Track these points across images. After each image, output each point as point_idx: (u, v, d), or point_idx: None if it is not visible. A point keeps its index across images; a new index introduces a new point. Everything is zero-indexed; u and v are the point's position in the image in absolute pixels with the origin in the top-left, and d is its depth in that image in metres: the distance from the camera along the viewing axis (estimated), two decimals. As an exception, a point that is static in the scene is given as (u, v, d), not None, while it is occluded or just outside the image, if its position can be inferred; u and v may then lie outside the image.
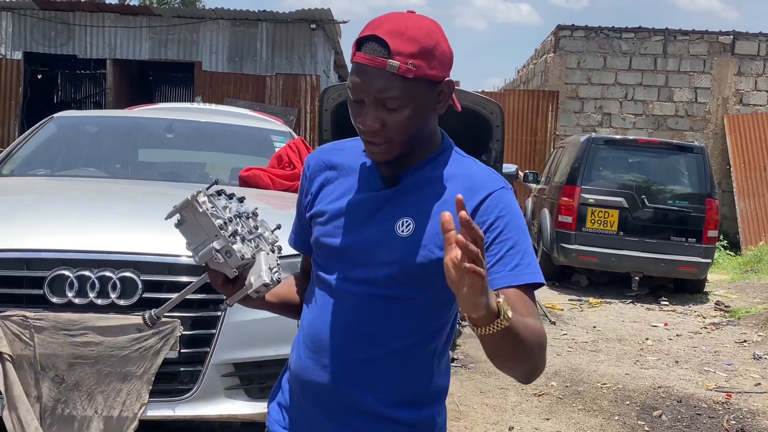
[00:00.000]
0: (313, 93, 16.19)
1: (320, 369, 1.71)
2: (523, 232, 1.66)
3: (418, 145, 1.70)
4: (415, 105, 1.62)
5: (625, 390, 5.94)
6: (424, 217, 1.66)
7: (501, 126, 7.47)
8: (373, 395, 1.69)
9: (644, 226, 10.20)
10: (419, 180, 1.71)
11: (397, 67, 1.58)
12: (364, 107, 1.63)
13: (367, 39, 1.61)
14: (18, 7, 16.80)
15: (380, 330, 1.67)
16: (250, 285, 1.64)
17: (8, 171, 4.93)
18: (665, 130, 16.61)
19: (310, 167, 1.84)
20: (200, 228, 1.60)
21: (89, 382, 3.09)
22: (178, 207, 1.61)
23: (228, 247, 1.61)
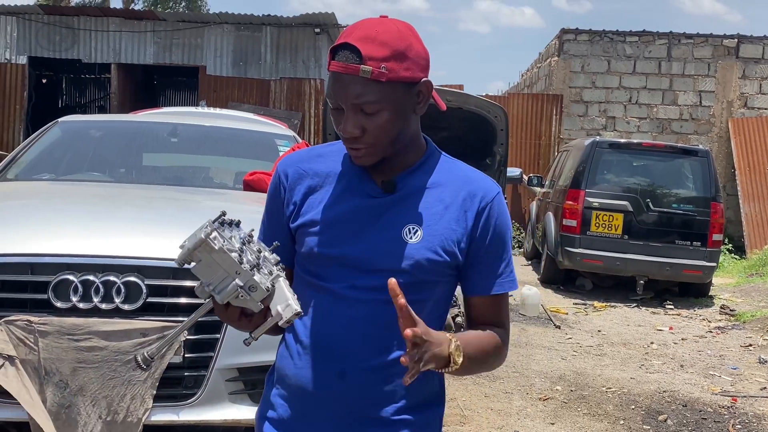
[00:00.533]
0: (317, 97, 16.20)
1: (331, 379, 1.69)
2: (508, 241, 1.80)
3: (402, 148, 1.72)
4: (393, 108, 1.64)
5: (630, 394, 5.92)
6: (430, 223, 1.69)
7: (505, 130, 7.47)
8: (389, 402, 1.69)
9: (649, 229, 10.18)
10: (416, 184, 1.73)
11: (370, 71, 1.60)
12: (344, 114, 1.65)
13: (340, 47, 1.64)
14: (23, 11, 16.84)
15: (393, 335, 1.66)
16: (280, 316, 1.54)
17: (13, 175, 4.94)
18: (670, 134, 16.59)
19: (288, 177, 1.80)
20: (217, 266, 1.50)
21: (93, 387, 3.09)
22: (191, 248, 1.49)
23: (251, 281, 1.51)
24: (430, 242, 1.67)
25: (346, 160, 1.78)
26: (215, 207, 4.46)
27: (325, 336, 1.70)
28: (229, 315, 1.58)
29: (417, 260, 1.67)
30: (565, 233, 10.37)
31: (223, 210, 1.60)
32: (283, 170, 1.82)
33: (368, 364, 1.68)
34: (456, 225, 1.70)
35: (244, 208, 4.56)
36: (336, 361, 1.69)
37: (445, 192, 1.72)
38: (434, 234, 1.68)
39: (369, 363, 1.68)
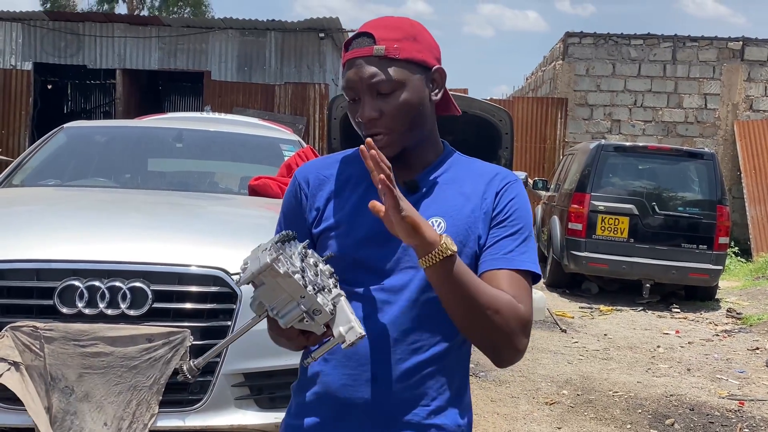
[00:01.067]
0: (321, 101, 16.22)
1: (363, 385, 1.66)
2: (528, 223, 1.73)
3: (422, 141, 1.73)
4: (409, 89, 1.65)
5: (637, 398, 5.90)
6: (453, 215, 1.69)
7: (510, 133, 7.45)
8: (420, 404, 1.67)
9: (655, 233, 10.16)
10: (437, 181, 1.74)
11: (383, 49, 1.63)
12: (360, 104, 1.66)
13: (354, 37, 1.68)
14: (28, 18, 16.89)
15: (424, 335, 1.65)
16: (342, 338, 1.48)
17: (18, 181, 4.94)
18: (675, 137, 16.57)
19: (310, 183, 1.78)
20: (281, 290, 1.45)
21: (99, 393, 3.09)
22: (255, 272, 1.43)
23: (315, 305, 1.46)
24: (454, 233, 1.65)
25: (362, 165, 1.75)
26: (220, 212, 4.49)
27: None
28: (287, 334, 1.53)
29: None
30: (571, 237, 10.36)
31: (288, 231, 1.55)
32: (304, 177, 1.80)
33: (399, 367, 1.66)
34: (478, 212, 1.70)
35: (249, 213, 4.57)
36: (366, 366, 1.66)
37: (465, 185, 1.73)
38: (457, 225, 1.67)
39: (400, 366, 1.65)
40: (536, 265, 1.69)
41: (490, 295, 1.57)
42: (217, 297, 3.31)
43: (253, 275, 1.44)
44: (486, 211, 1.70)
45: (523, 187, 1.76)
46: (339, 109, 7.23)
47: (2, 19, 16.88)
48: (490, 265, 1.66)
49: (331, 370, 1.70)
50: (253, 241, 3.69)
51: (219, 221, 4.23)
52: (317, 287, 1.48)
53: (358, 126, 1.69)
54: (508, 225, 1.69)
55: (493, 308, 1.56)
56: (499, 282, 1.63)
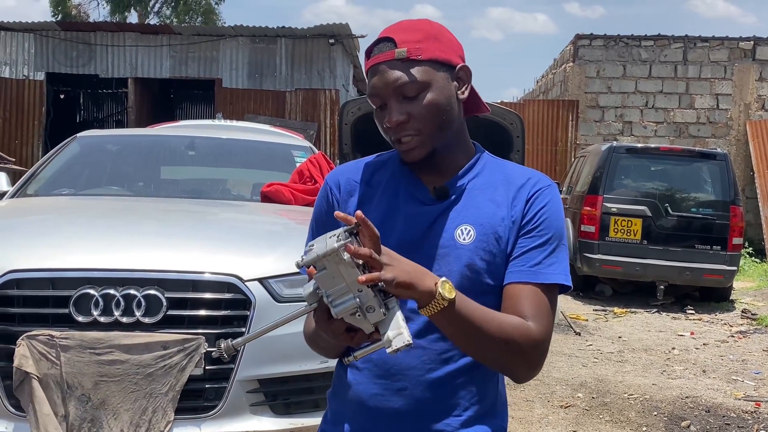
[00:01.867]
0: (332, 107, 16.24)
1: (393, 395, 1.65)
2: (560, 231, 1.67)
3: (451, 143, 1.70)
4: (435, 89, 1.62)
5: (653, 401, 5.88)
6: (483, 222, 1.65)
7: (521, 136, 7.44)
8: (451, 415, 1.65)
9: (668, 234, 10.12)
10: (467, 186, 1.70)
11: (405, 51, 1.61)
12: (387, 110, 1.64)
13: (374, 44, 1.66)
14: (40, 28, 17.00)
15: (453, 345, 1.62)
16: (389, 343, 1.45)
17: (32, 191, 4.98)
18: (687, 138, 16.51)
19: (341, 189, 1.77)
20: (341, 279, 1.43)
21: (115, 401, 3.11)
22: (321, 255, 1.41)
23: (370, 302, 1.44)
24: (483, 241, 1.63)
25: (397, 168, 1.75)
26: (233, 219, 4.51)
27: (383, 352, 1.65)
28: (334, 327, 1.49)
29: (471, 261, 1.62)
30: (584, 239, 10.34)
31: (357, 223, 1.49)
32: (335, 182, 1.78)
33: (429, 377, 1.64)
34: (508, 221, 1.65)
35: (262, 220, 4.58)
36: (397, 376, 1.65)
37: (496, 191, 1.68)
38: (487, 233, 1.63)
39: (429, 376, 1.64)
40: (565, 276, 1.65)
41: (497, 326, 1.54)
42: (231, 303, 3.33)
43: (318, 257, 1.42)
44: (515, 218, 1.66)
45: (557, 193, 1.71)
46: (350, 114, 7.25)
47: (15, 30, 16.99)
48: (515, 277, 1.62)
49: (363, 379, 1.69)
50: (265, 247, 3.73)
51: (232, 228, 4.25)
52: (375, 287, 1.46)
53: (386, 132, 1.66)
54: (537, 234, 1.64)
55: (502, 339, 1.54)
56: (519, 298, 1.60)
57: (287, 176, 5.25)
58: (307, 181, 5.13)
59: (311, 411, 3.44)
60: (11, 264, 3.28)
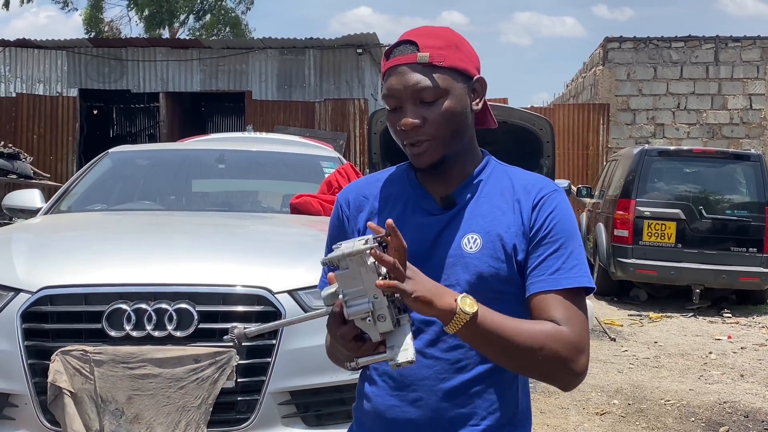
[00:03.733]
0: (361, 117, 16.29)
1: (408, 405, 1.66)
2: (572, 234, 1.65)
3: (461, 151, 1.70)
4: (452, 97, 1.63)
5: (690, 406, 5.80)
6: (489, 230, 1.65)
7: (551, 142, 7.42)
8: (468, 425, 1.65)
9: (703, 237, 10.00)
10: (474, 195, 1.70)
11: (427, 56, 1.61)
12: (401, 112, 1.64)
13: (395, 46, 1.66)
14: (72, 45, 17.25)
15: (467, 354, 1.63)
16: (393, 356, 1.47)
17: (66, 207, 5.04)
18: (720, 139, 16.32)
19: (350, 205, 1.79)
20: (360, 281, 1.46)
21: (149, 414, 3.13)
22: (346, 253, 1.44)
23: (383, 311, 1.46)
24: (490, 249, 1.63)
25: (405, 181, 1.76)
26: (262, 232, 4.54)
27: None
28: (344, 332, 1.50)
29: (479, 270, 1.63)
30: (617, 244, 10.24)
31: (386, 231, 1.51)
32: (345, 199, 1.81)
33: (443, 387, 1.64)
34: (515, 228, 1.65)
35: (291, 231, 4.60)
36: (411, 387, 1.66)
37: (502, 198, 1.69)
38: (493, 240, 1.63)
39: (443, 386, 1.64)
40: (587, 278, 1.63)
41: (528, 335, 1.53)
42: (261, 316, 3.34)
43: (343, 255, 1.45)
44: (523, 226, 1.65)
45: (563, 197, 1.69)
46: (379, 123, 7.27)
47: (48, 48, 17.26)
48: (538, 287, 1.61)
49: (380, 392, 1.70)
50: (295, 259, 3.74)
51: (261, 240, 4.27)
52: (391, 298, 1.48)
53: (398, 134, 1.67)
54: (550, 241, 1.63)
55: (536, 346, 1.53)
56: (547, 306, 1.58)
57: (316, 187, 5.26)
58: (335, 191, 5.14)
59: (343, 422, 3.44)
60: (45, 280, 3.32)
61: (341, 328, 1.50)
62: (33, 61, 17.37)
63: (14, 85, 17.41)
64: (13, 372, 3.20)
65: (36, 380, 3.19)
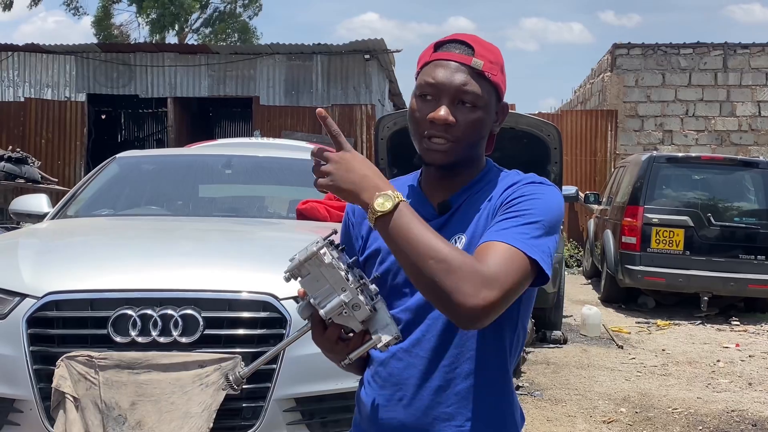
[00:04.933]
0: (368, 122, 16.28)
1: (395, 405, 1.70)
2: (540, 211, 1.58)
3: (470, 161, 1.73)
4: (486, 110, 1.67)
5: (698, 415, 5.77)
6: (471, 229, 1.67)
7: (559, 148, 7.41)
8: (452, 424, 1.66)
9: (711, 244, 9.95)
10: (467, 200, 1.73)
11: (482, 64, 1.65)
12: (435, 104, 1.65)
13: (449, 41, 1.69)
14: (80, 50, 17.29)
15: (452, 353, 1.66)
16: (379, 339, 1.55)
17: (73, 212, 5.05)
18: (729, 146, 16.26)
19: (355, 212, 1.84)
20: (325, 280, 1.52)
21: (151, 420, 3.12)
22: (302, 260, 1.52)
23: (356, 300, 1.52)
24: (473, 245, 1.62)
25: (408, 190, 1.80)
26: (269, 237, 4.52)
27: (387, 362, 1.72)
28: (327, 336, 1.59)
29: None
30: (625, 251, 10.21)
31: (334, 229, 1.63)
32: (351, 207, 1.85)
33: (428, 387, 1.67)
34: (491, 218, 1.65)
35: (297, 237, 4.59)
36: (398, 386, 1.69)
37: (489, 199, 1.71)
38: (475, 236, 1.65)
39: (429, 386, 1.67)
40: (534, 249, 1.52)
41: (431, 245, 1.47)
42: (266, 322, 3.33)
43: (300, 263, 1.52)
44: (494, 210, 1.65)
45: (544, 187, 1.65)
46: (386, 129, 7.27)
47: (57, 53, 17.31)
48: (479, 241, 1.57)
49: (370, 392, 1.75)
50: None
51: (267, 246, 4.26)
52: (359, 287, 1.54)
53: (421, 124, 1.66)
54: (511, 211, 1.58)
55: (433, 257, 1.45)
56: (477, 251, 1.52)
57: (323, 193, 5.25)
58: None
59: (347, 429, 3.42)
60: (51, 286, 3.32)
61: (324, 334, 1.59)
62: (41, 65, 17.42)
63: (23, 89, 17.46)
64: (18, 377, 3.20)
65: (41, 386, 3.20)
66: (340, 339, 1.61)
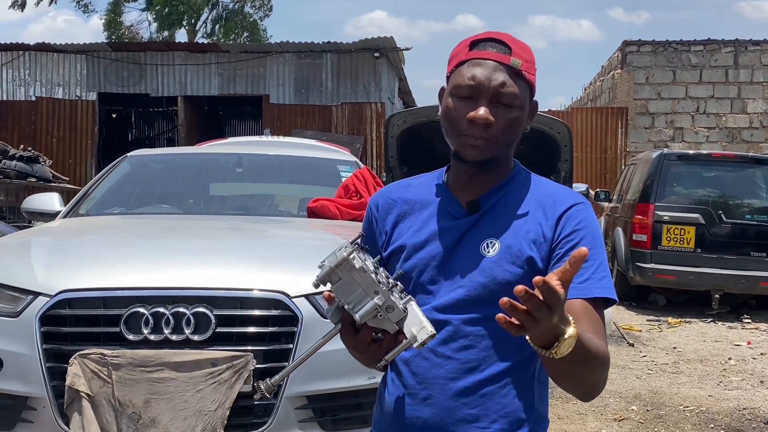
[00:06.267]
0: (378, 120, 16.30)
1: (419, 404, 1.68)
2: (599, 247, 1.67)
3: (503, 159, 1.73)
4: (522, 110, 1.67)
5: (709, 412, 5.75)
6: (508, 236, 1.67)
7: (569, 145, 7.38)
8: (478, 426, 1.65)
9: (722, 242, 9.91)
10: (499, 202, 1.72)
11: (520, 63, 1.64)
12: (473, 103, 1.64)
13: (485, 40, 1.68)
14: (91, 49, 17.37)
15: (480, 355, 1.65)
16: (414, 338, 1.52)
17: (84, 211, 5.06)
18: (740, 143, 16.21)
19: (379, 207, 1.83)
20: (356, 285, 1.51)
21: (165, 418, 3.13)
22: (333, 266, 1.50)
23: (390, 302, 1.51)
24: (507, 253, 1.64)
25: (434, 187, 1.79)
26: (280, 236, 4.53)
27: (412, 361, 1.70)
28: (360, 339, 1.57)
29: (492, 273, 1.64)
30: (636, 248, 10.18)
31: (360, 232, 1.64)
32: (375, 202, 1.85)
33: (453, 387, 1.65)
34: (535, 235, 1.66)
35: (308, 236, 4.60)
36: (423, 386, 1.68)
37: (526, 206, 1.70)
38: (511, 245, 1.65)
39: (454, 385, 1.65)
40: (612, 291, 1.64)
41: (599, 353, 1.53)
42: (278, 320, 3.34)
43: (330, 269, 1.50)
44: (545, 235, 1.66)
45: (590, 210, 1.71)
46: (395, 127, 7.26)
47: (67, 52, 17.38)
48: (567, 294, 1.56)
49: (393, 390, 1.73)
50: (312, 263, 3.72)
51: (278, 244, 4.27)
52: (389, 287, 1.53)
53: (458, 122, 1.66)
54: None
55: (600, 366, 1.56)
56: (576, 314, 1.54)
57: (333, 191, 5.26)
58: (352, 195, 5.14)
59: (359, 427, 3.43)
60: (63, 284, 3.34)
61: (356, 337, 1.56)
62: (52, 64, 17.49)
63: (34, 88, 17.55)
64: (31, 375, 3.22)
65: (54, 383, 3.21)
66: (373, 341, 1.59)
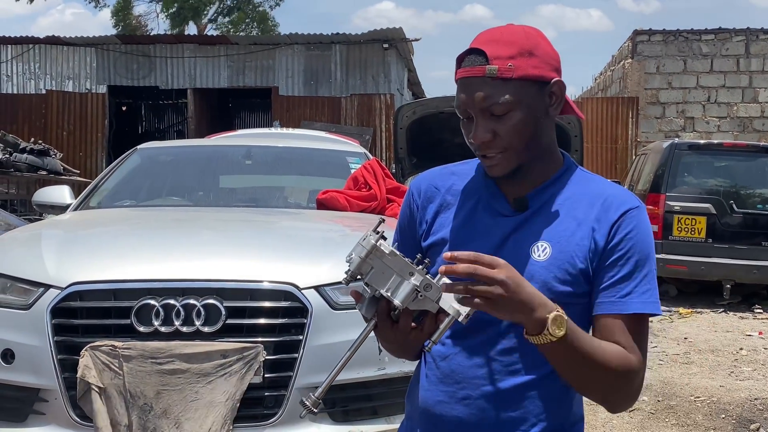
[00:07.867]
0: (387, 112, 16.28)
1: (456, 402, 1.64)
2: (649, 256, 1.61)
3: (538, 156, 1.64)
4: (524, 108, 1.57)
5: (720, 403, 5.74)
6: (561, 240, 1.60)
7: (579, 136, 7.37)
8: (515, 429, 1.62)
9: (734, 232, 9.87)
10: (549, 200, 1.65)
11: (496, 69, 1.54)
12: (473, 124, 1.59)
13: (465, 54, 1.60)
14: (101, 42, 17.40)
15: (523, 358, 1.60)
16: (458, 313, 1.47)
17: (95, 203, 5.08)
18: (751, 133, 16.13)
19: (421, 193, 1.75)
20: (390, 270, 1.47)
21: (177, 410, 3.14)
22: (363, 257, 1.46)
23: (426, 280, 1.47)
24: (560, 260, 1.58)
25: (479, 177, 1.72)
26: (289, 227, 4.54)
27: (450, 358, 1.65)
28: (401, 328, 1.52)
29: (544, 279, 1.57)
30: (646, 239, 10.14)
31: (381, 217, 1.57)
32: (417, 188, 1.77)
33: (493, 388, 1.61)
34: (588, 242, 1.59)
35: (318, 227, 4.60)
36: (461, 384, 1.64)
37: (579, 208, 1.63)
38: (564, 251, 1.59)
39: (494, 387, 1.61)
40: (655, 305, 1.59)
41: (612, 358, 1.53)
42: (288, 312, 3.35)
43: (361, 260, 1.46)
44: (597, 241, 1.60)
45: (643, 215, 1.63)
46: (404, 118, 7.26)
47: (77, 45, 17.42)
48: (607, 309, 1.58)
49: (429, 386, 1.68)
50: (321, 254, 3.74)
51: (288, 236, 4.28)
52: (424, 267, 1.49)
53: (470, 145, 1.62)
54: (624, 263, 1.58)
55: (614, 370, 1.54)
56: (613, 330, 1.56)
57: (342, 183, 5.26)
58: (362, 187, 5.14)
59: (369, 418, 3.44)
60: (74, 276, 3.35)
61: (396, 326, 1.52)
62: (62, 58, 17.54)
63: (44, 81, 17.60)
64: (43, 367, 3.24)
65: (66, 375, 3.22)
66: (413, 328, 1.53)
